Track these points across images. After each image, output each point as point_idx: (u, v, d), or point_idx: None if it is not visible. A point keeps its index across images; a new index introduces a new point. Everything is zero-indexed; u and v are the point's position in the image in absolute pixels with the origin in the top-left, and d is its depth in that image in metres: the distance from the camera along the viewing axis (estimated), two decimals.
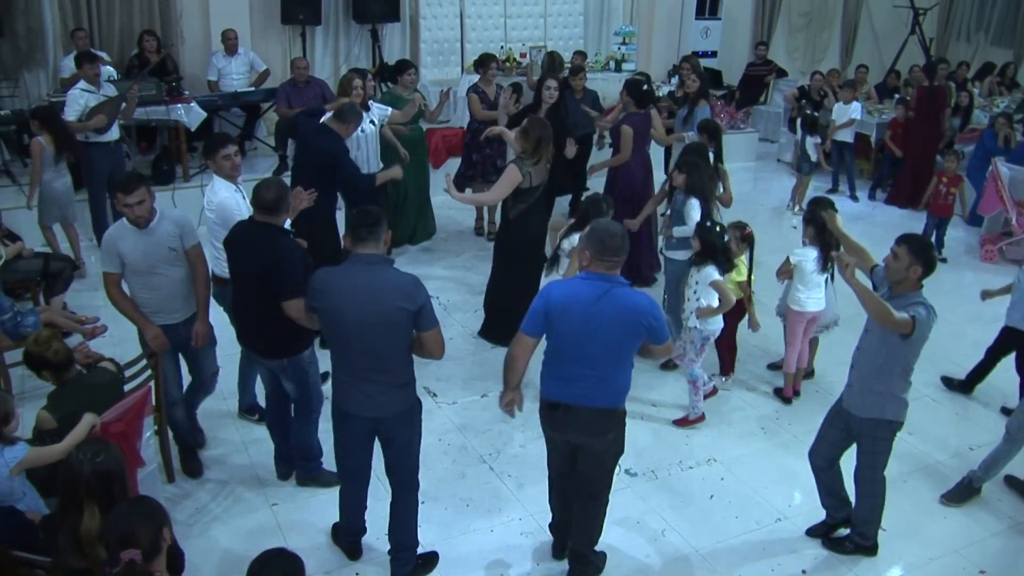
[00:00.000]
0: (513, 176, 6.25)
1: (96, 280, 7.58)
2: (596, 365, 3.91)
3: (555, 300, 3.90)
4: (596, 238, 3.89)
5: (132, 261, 4.66)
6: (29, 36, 9.69)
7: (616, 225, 4.04)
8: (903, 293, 4.19)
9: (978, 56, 15.07)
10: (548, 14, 12.59)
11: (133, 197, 4.50)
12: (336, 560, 4.52)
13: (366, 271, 3.87)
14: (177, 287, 4.82)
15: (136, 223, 4.58)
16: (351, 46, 11.67)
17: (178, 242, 4.74)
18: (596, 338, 3.85)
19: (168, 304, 4.83)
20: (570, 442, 4.13)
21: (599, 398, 3.98)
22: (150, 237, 4.65)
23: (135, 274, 4.72)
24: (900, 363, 4.26)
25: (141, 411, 4.24)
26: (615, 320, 3.83)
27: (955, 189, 9.03)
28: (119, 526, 3.00)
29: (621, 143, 7.58)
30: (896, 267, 4.19)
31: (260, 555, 2.98)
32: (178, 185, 8.85)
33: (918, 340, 4.18)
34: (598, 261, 3.88)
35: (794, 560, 4.67)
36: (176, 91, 9.04)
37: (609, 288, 3.85)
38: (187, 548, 4.02)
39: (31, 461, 3.75)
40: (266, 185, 4.53)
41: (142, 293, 4.79)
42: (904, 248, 4.16)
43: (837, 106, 10.76)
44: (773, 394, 6.32)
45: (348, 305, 3.85)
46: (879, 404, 4.36)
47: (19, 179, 8.65)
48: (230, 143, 5.41)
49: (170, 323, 4.86)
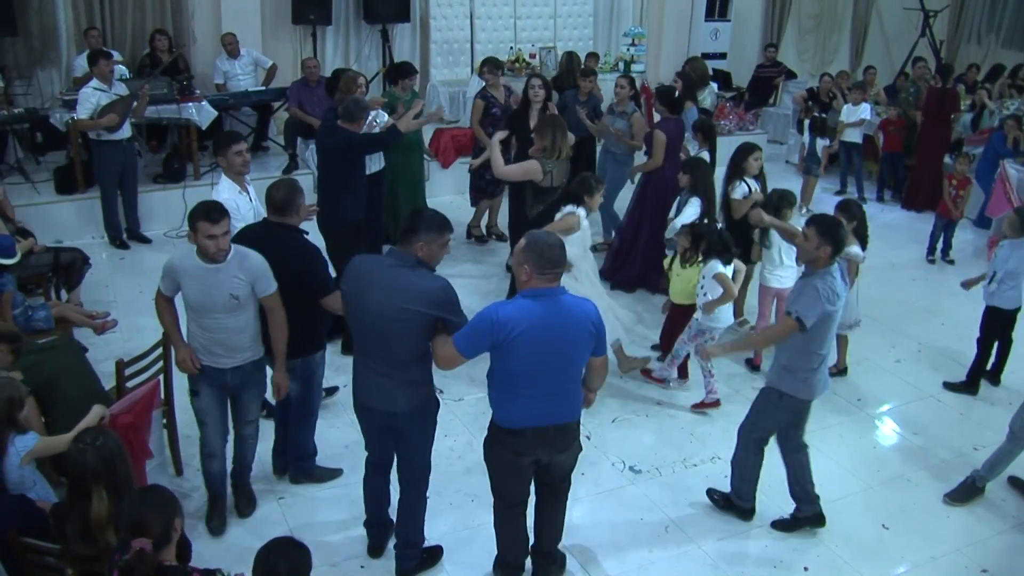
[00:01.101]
0: (530, 167, 6.39)
1: (105, 275, 7.72)
2: (556, 382, 3.80)
3: (503, 323, 3.66)
4: (536, 252, 3.69)
5: (189, 297, 4.26)
6: (43, 35, 9.78)
7: (552, 236, 3.83)
8: (815, 272, 4.38)
9: (989, 58, 15.03)
10: (558, 15, 12.62)
11: (220, 227, 4.07)
12: (342, 552, 4.56)
13: (395, 268, 3.89)
14: (231, 335, 4.30)
15: (215, 259, 4.12)
16: (361, 46, 11.72)
17: (245, 289, 4.22)
18: (553, 355, 3.74)
19: (218, 348, 4.33)
20: (539, 461, 3.99)
21: (564, 414, 3.89)
22: (214, 278, 4.16)
23: (190, 308, 4.30)
24: (803, 342, 4.42)
25: (150, 404, 4.30)
26: (568, 331, 3.73)
27: (964, 191, 9.04)
28: (132, 514, 3.05)
29: (654, 148, 7.60)
30: (807, 247, 4.38)
31: (267, 543, 3.04)
32: (188, 183, 8.94)
33: (819, 326, 4.35)
34: (539, 276, 3.69)
35: (796, 557, 4.69)
36: (187, 90, 9.12)
37: (555, 300, 3.72)
38: (194, 539, 4.09)
39: (40, 451, 3.81)
40: (276, 185, 4.57)
41: (193, 327, 4.35)
42: (813, 229, 4.35)
43: (846, 108, 10.76)
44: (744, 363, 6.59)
45: (371, 295, 3.88)
46: (779, 375, 4.58)
47: (31, 176, 8.75)
48: (241, 140, 5.48)
49: (217, 367, 4.37)
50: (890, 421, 6.09)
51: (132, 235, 8.58)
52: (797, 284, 4.54)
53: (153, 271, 7.75)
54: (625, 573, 4.55)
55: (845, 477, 5.39)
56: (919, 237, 9.41)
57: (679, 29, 13.71)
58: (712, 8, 13.46)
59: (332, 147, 6.26)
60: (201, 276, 4.16)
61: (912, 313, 7.74)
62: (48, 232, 7.74)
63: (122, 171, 8.18)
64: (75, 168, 8.59)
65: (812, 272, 4.40)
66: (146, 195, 8.75)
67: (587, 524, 4.84)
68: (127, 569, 2.95)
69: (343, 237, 6.22)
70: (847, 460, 5.56)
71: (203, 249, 4.10)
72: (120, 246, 8.46)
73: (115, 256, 8.33)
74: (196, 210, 4.11)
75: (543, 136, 6.43)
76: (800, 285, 4.46)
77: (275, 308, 4.36)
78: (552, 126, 6.46)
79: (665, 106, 7.71)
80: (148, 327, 6.36)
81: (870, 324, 6.66)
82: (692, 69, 9.23)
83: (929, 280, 8.63)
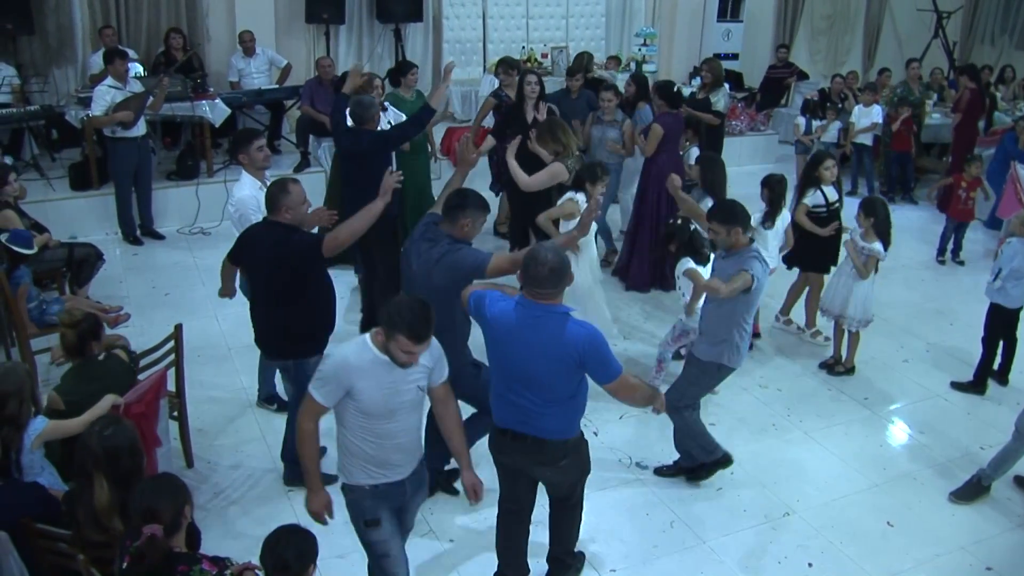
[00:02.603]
0: (556, 171, 6.45)
1: (118, 271, 7.79)
2: (534, 394, 3.69)
3: (489, 314, 3.74)
4: (524, 263, 3.63)
5: (367, 401, 3.46)
6: (59, 33, 9.89)
7: (551, 255, 3.60)
8: (737, 252, 4.70)
9: (1002, 60, 14.97)
10: (570, 15, 12.66)
11: (424, 345, 3.41)
12: (349, 545, 4.59)
13: (432, 242, 4.32)
14: (412, 435, 3.68)
15: (405, 365, 3.46)
16: (374, 45, 11.79)
17: (427, 379, 3.66)
18: (528, 368, 3.65)
19: (394, 456, 3.61)
20: (518, 469, 3.96)
21: (541, 429, 3.76)
22: (403, 373, 3.49)
23: (364, 416, 3.49)
24: (740, 313, 4.73)
25: (158, 392, 4.36)
26: (546, 350, 3.60)
27: (974, 193, 9.02)
28: (143, 501, 3.11)
29: (648, 140, 7.65)
30: (721, 239, 4.73)
31: (275, 530, 3.11)
32: (202, 180, 9.04)
33: (757, 291, 4.68)
34: (525, 288, 3.63)
35: (801, 554, 4.71)
36: (201, 88, 9.21)
37: (541, 316, 3.60)
38: (204, 529, 4.14)
39: (50, 433, 3.87)
40: (270, 184, 4.66)
41: (362, 442, 3.55)
42: (715, 223, 4.71)
43: (857, 108, 10.76)
44: None
45: (413, 260, 4.39)
46: (719, 351, 4.82)
47: (47, 173, 8.85)
48: (261, 135, 5.62)
49: (396, 479, 3.65)
50: (897, 420, 6.09)
51: (146, 231, 8.67)
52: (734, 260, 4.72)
53: (166, 267, 8.01)
54: (630, 568, 4.58)
55: (851, 475, 5.41)
56: (929, 237, 9.41)
57: (691, 29, 13.72)
58: (724, 9, 13.45)
59: (360, 151, 6.18)
60: (384, 373, 3.45)
61: (921, 313, 7.74)
62: (63, 228, 7.83)
63: (136, 168, 8.26)
64: (90, 165, 8.68)
65: (736, 253, 4.71)
66: (160, 192, 8.84)
67: (592, 519, 4.82)
68: (138, 555, 3.00)
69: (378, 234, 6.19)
70: (853, 458, 5.58)
71: (395, 358, 3.41)
72: (134, 242, 8.55)
73: (128, 252, 8.41)
74: (401, 319, 3.29)
75: (547, 142, 6.49)
76: (736, 260, 4.68)
77: (448, 398, 3.80)
78: (550, 129, 6.53)
79: (663, 100, 7.76)
80: (159, 321, 6.49)
81: (879, 323, 6.67)
82: (709, 69, 9.25)
83: (939, 281, 8.61)
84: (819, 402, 6.19)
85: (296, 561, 3.05)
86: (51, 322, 5.82)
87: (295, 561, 3.04)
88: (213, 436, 5.51)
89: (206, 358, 6.27)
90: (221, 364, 6.27)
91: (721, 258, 4.85)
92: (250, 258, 4.69)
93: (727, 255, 4.77)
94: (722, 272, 4.75)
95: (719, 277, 4.74)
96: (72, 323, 4.26)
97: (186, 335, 5.04)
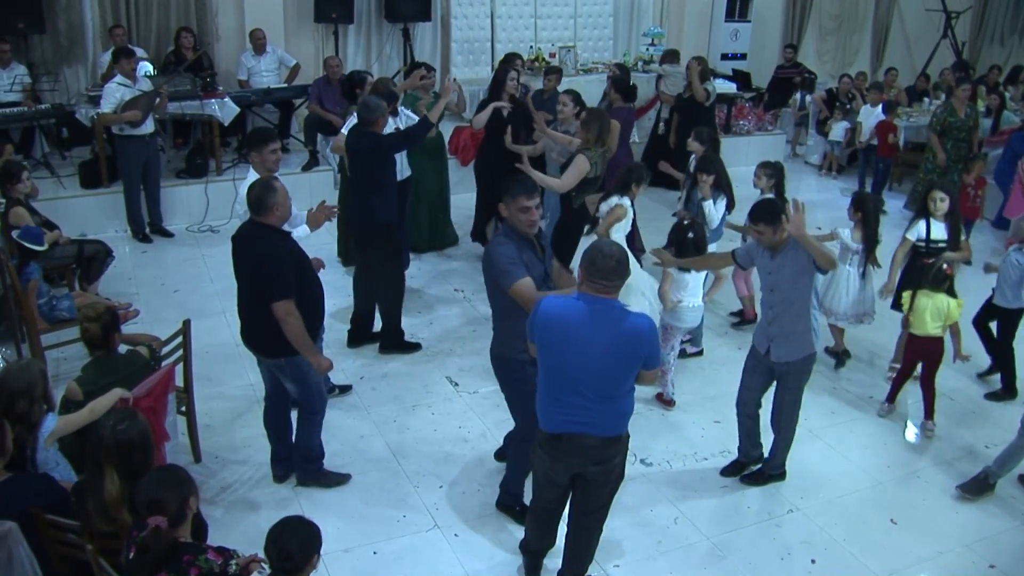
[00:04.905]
0: (582, 166, 6.47)
1: (127, 268, 7.86)
2: (594, 392, 3.71)
3: (543, 316, 3.73)
4: (588, 257, 3.68)
5: None
6: (70, 32, 9.96)
7: (616, 247, 3.75)
8: (783, 249, 4.74)
9: (1012, 59, 14.95)
10: (578, 15, 12.68)
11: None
12: (354, 539, 4.64)
13: None
14: None
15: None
16: (383, 45, 11.82)
17: None
18: (591, 364, 3.67)
19: None
20: (572, 471, 3.93)
21: (601, 426, 3.79)
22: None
23: None
24: (808, 301, 4.87)
25: (167, 386, 4.40)
26: (612, 346, 3.65)
27: (981, 191, 9.01)
28: (148, 492, 3.15)
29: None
30: (767, 240, 4.74)
31: (279, 521, 3.14)
32: (211, 178, 9.10)
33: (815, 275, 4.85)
34: (588, 283, 3.66)
35: (804, 550, 4.72)
36: (210, 87, 9.27)
37: (605, 312, 3.66)
38: (210, 524, 4.17)
39: (61, 430, 3.91)
40: (251, 185, 4.61)
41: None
42: (761, 224, 4.72)
43: (864, 108, 10.77)
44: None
45: None
46: (805, 342, 4.91)
47: (57, 170, 8.92)
48: (276, 138, 5.61)
49: None
50: (901, 418, 6.10)
51: (155, 229, 8.74)
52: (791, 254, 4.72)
53: (175, 265, 8.06)
54: (634, 564, 4.59)
55: (855, 472, 5.42)
56: None
57: (699, 29, 13.73)
58: (732, 9, 13.46)
59: (359, 151, 6.22)
60: None
61: None
62: (72, 225, 7.89)
63: (145, 166, 8.34)
64: (99, 163, 8.74)
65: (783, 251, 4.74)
66: (169, 190, 8.91)
67: None
68: (143, 545, 3.04)
69: (376, 239, 6.27)
70: (857, 455, 5.59)
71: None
72: (143, 240, 8.61)
73: (137, 249, 8.48)
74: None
75: (589, 129, 6.52)
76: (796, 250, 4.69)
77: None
78: (599, 119, 6.61)
79: (619, 94, 8.00)
80: (168, 318, 6.54)
81: (883, 322, 6.66)
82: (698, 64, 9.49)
83: None
84: (824, 400, 6.20)
85: (299, 551, 3.08)
86: (61, 318, 5.89)
87: (298, 551, 3.08)
88: (221, 432, 5.55)
89: (214, 354, 6.31)
90: (229, 360, 6.30)
91: (769, 258, 4.78)
92: (239, 257, 4.64)
93: (774, 253, 4.75)
94: (781, 269, 4.72)
95: (776, 276, 4.75)
96: (96, 316, 4.35)
97: (194, 331, 5.06)
